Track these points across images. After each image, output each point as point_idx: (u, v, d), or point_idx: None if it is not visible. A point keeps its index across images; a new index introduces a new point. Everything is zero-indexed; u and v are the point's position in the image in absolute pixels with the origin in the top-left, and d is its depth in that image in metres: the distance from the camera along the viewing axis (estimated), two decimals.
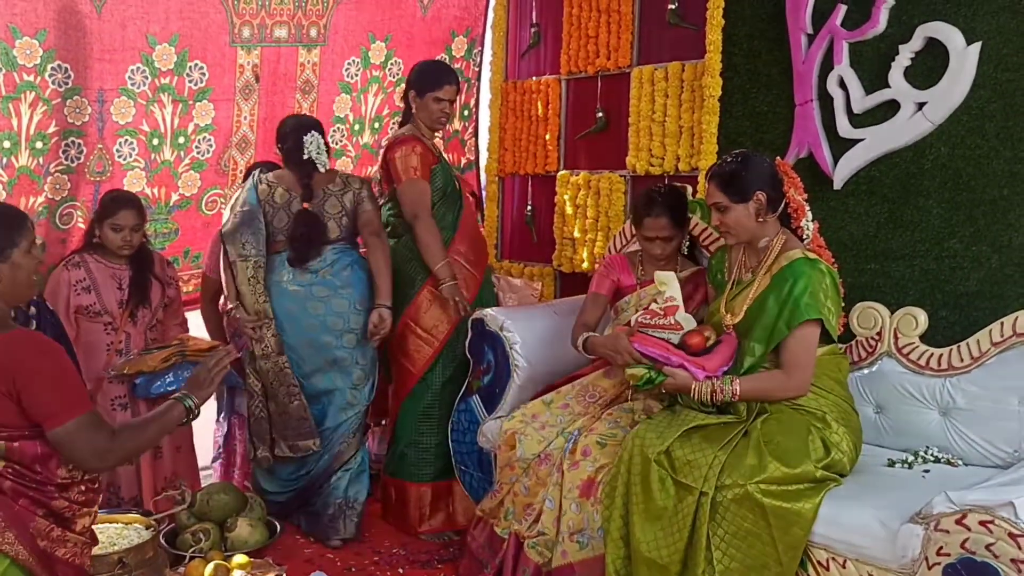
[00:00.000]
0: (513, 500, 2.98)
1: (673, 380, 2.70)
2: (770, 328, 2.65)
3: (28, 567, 2.02)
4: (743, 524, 2.46)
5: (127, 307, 3.45)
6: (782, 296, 2.63)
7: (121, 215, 3.40)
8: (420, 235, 3.48)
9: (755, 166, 2.73)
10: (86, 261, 3.43)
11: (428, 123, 3.60)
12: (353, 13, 4.22)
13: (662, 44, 3.81)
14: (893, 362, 2.96)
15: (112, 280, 3.45)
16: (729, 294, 2.83)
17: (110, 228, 3.40)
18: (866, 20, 3.10)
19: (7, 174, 3.45)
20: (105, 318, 3.42)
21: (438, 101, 3.57)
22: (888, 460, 2.80)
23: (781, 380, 2.65)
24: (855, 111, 3.14)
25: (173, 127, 3.86)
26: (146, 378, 3.35)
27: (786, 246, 2.73)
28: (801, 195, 2.76)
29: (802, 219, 2.75)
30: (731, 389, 2.64)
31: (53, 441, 2.04)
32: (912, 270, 3.07)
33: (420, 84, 3.59)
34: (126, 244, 3.42)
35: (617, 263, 3.31)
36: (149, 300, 3.50)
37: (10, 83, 3.38)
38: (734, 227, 2.75)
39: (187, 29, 3.77)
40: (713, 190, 2.75)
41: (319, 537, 3.47)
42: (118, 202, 3.44)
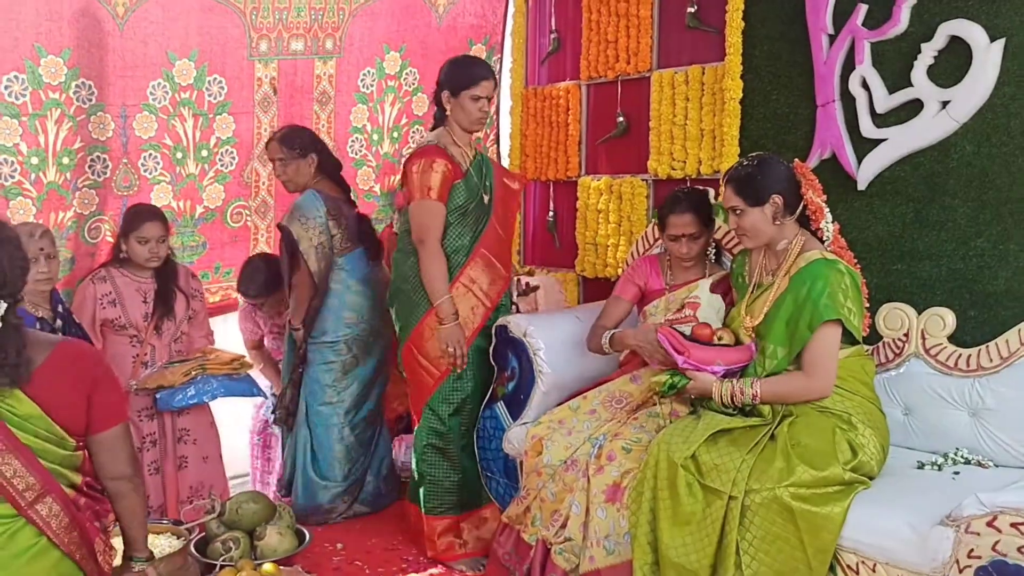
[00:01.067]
0: (540, 506, 2.98)
1: (695, 383, 2.70)
2: (791, 331, 2.64)
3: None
4: (772, 528, 2.44)
5: (152, 320, 3.49)
6: (800, 298, 2.62)
7: (146, 227, 3.43)
8: (423, 265, 3.26)
9: (771, 169, 2.72)
10: (112, 275, 3.47)
11: (466, 124, 3.33)
12: (368, 24, 4.25)
13: (682, 48, 3.80)
14: (921, 363, 2.93)
15: (137, 293, 3.49)
16: (749, 298, 2.82)
17: (136, 241, 3.44)
18: (887, 19, 3.08)
19: (36, 190, 3.50)
20: (130, 331, 3.46)
21: (475, 99, 3.29)
22: (917, 462, 2.78)
23: (802, 382, 2.64)
24: (878, 111, 3.12)
25: (195, 140, 3.91)
26: (168, 392, 3.40)
27: (805, 248, 2.71)
28: (820, 197, 2.75)
29: (821, 221, 2.74)
30: (751, 391, 2.64)
31: (101, 443, 2.11)
32: (939, 270, 3.04)
33: (454, 82, 3.31)
34: (153, 256, 3.46)
35: (645, 265, 3.30)
36: (174, 313, 3.53)
37: (36, 101, 3.44)
38: (750, 231, 2.74)
39: (206, 44, 3.82)
40: (729, 194, 2.75)
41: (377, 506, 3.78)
42: (142, 215, 3.48)
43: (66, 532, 2.03)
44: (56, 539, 2.01)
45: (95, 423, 2.10)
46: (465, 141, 3.37)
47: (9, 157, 3.42)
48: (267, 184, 4.17)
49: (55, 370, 2.01)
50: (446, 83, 3.33)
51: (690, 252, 3.13)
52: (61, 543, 2.01)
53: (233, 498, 3.17)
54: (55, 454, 2.02)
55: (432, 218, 3.24)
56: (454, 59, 3.51)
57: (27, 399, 1.98)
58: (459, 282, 3.32)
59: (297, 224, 3.63)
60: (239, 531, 3.06)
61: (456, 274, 3.32)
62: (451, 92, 3.30)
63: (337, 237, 3.69)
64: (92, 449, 2.12)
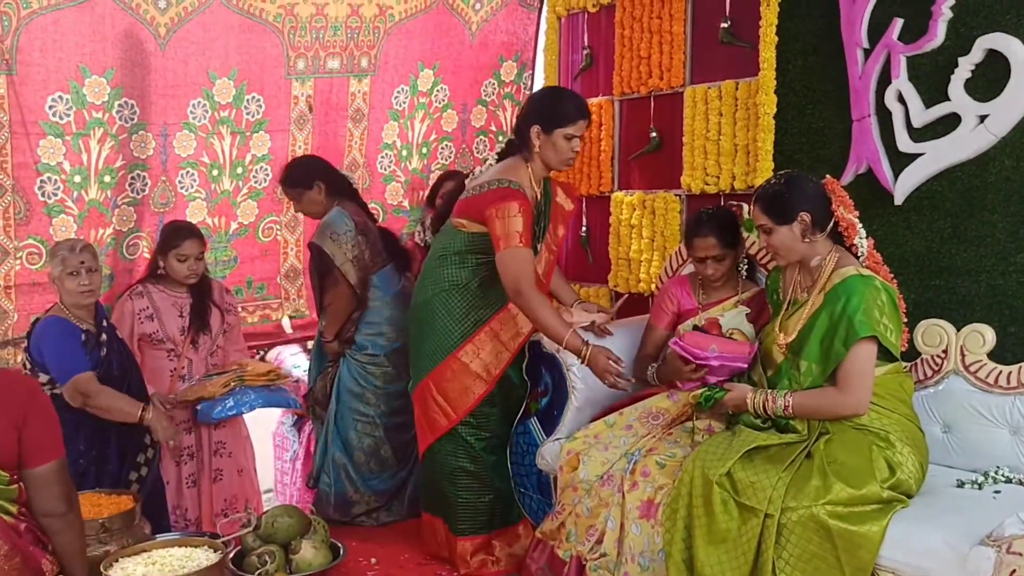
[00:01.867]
0: (575, 521, 2.97)
1: (732, 393, 2.73)
2: (825, 348, 2.62)
3: None
4: (808, 547, 2.42)
5: (188, 334, 3.55)
6: (835, 314, 2.60)
7: (185, 245, 3.49)
8: (532, 315, 3.08)
9: (798, 186, 2.71)
10: (149, 291, 3.54)
11: (554, 163, 3.17)
12: (403, 42, 4.29)
13: (715, 63, 3.79)
14: (960, 380, 2.90)
15: (174, 308, 3.55)
16: (784, 314, 2.80)
17: (175, 259, 3.50)
18: (923, 33, 3.06)
19: (78, 207, 3.58)
20: (167, 345, 3.52)
21: (569, 139, 3.12)
22: (957, 481, 2.74)
23: (834, 397, 2.61)
24: (915, 125, 3.09)
25: (232, 158, 3.97)
26: (207, 404, 3.45)
27: (839, 264, 2.69)
28: (851, 213, 2.73)
29: (854, 237, 2.73)
30: (783, 401, 2.63)
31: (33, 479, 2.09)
32: (978, 286, 3.00)
33: (550, 118, 3.12)
34: (192, 273, 3.53)
35: (675, 288, 3.32)
36: (209, 327, 3.59)
37: (80, 120, 3.51)
38: (780, 248, 2.74)
39: (245, 63, 3.89)
40: (757, 212, 2.75)
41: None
42: (181, 233, 3.54)
43: (6, 560, 2.01)
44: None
45: (27, 458, 2.08)
46: (540, 177, 3.24)
47: (53, 175, 3.50)
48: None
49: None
50: (538, 117, 3.15)
51: (715, 273, 3.16)
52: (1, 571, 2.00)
53: (268, 512, 3.19)
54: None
55: (525, 265, 3.07)
56: (551, 91, 3.37)
57: None
58: (488, 327, 3.24)
59: (329, 241, 3.66)
60: (274, 545, 3.07)
61: (487, 318, 3.24)
62: (543, 128, 3.12)
63: (367, 254, 3.72)
64: (25, 483, 2.10)
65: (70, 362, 3.16)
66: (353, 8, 4.08)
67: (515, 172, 3.18)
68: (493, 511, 3.37)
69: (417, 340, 3.37)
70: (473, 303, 3.25)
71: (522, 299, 3.06)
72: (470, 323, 3.25)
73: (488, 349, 3.26)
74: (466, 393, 3.26)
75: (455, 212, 3.32)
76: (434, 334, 3.28)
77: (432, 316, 3.28)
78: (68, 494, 2.14)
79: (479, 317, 3.25)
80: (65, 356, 3.17)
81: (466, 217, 3.24)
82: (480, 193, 3.18)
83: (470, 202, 3.22)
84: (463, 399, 3.26)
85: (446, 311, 3.25)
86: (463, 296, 3.25)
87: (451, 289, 3.25)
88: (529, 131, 3.15)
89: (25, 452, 2.07)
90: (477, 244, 3.22)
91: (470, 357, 3.25)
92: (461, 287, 3.25)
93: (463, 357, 3.25)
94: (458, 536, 3.35)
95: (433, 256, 3.35)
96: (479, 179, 3.29)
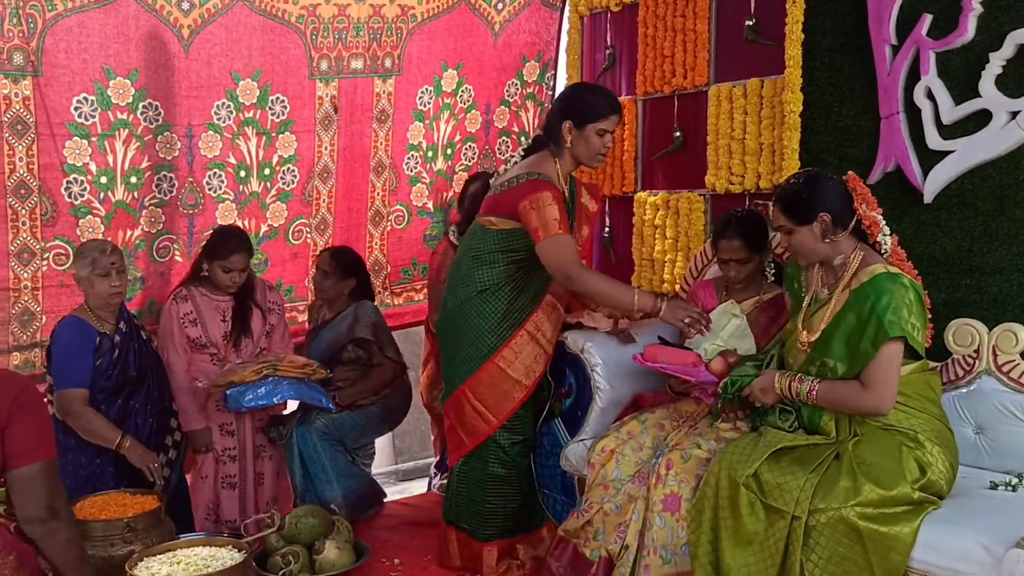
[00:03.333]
0: (603, 519, 2.93)
1: (760, 379, 2.70)
2: (852, 347, 2.58)
3: None
4: (838, 549, 2.39)
5: (230, 338, 3.56)
6: (864, 313, 2.56)
7: (233, 259, 3.52)
8: (587, 292, 3.10)
9: (818, 186, 2.67)
10: (192, 295, 3.56)
11: (585, 158, 3.16)
12: (426, 43, 4.29)
13: (740, 61, 3.76)
14: (992, 380, 2.85)
15: (216, 312, 3.57)
16: (807, 311, 2.76)
17: (220, 269, 3.52)
18: (953, 29, 3.02)
19: (105, 208, 3.60)
20: (211, 349, 3.56)
21: (602, 134, 3.11)
22: (990, 482, 2.69)
23: (858, 392, 2.57)
24: (944, 122, 3.05)
25: (258, 159, 3.98)
26: (238, 389, 3.41)
27: (864, 261, 2.65)
28: (874, 210, 2.70)
29: (878, 234, 2.69)
30: (808, 385, 2.61)
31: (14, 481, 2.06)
32: (1010, 285, 2.95)
33: (582, 113, 3.10)
34: (233, 284, 3.56)
35: (701, 290, 3.32)
36: (251, 330, 3.60)
37: (105, 121, 3.53)
38: (800, 249, 2.71)
39: (268, 64, 3.90)
40: (776, 213, 2.71)
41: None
42: (229, 245, 3.53)
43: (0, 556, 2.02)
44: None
45: (9, 457, 2.05)
46: (567, 174, 3.23)
47: (79, 176, 3.52)
48: (327, 202, 4.23)
49: None
50: (570, 112, 3.13)
51: (738, 276, 3.15)
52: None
53: (292, 513, 3.20)
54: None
55: (568, 249, 3.04)
56: (582, 87, 3.37)
57: None
58: (524, 329, 3.19)
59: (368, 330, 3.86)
60: (298, 545, 3.08)
61: (523, 320, 3.19)
62: (576, 123, 3.11)
63: None
64: (8, 486, 2.08)
65: (72, 373, 3.18)
66: (375, 9, 4.09)
67: (543, 166, 3.17)
68: (520, 516, 3.34)
69: (450, 347, 3.30)
70: (508, 306, 3.19)
71: (575, 283, 3.04)
72: (506, 327, 3.19)
73: (527, 351, 3.20)
74: (506, 398, 3.20)
75: (483, 211, 3.27)
76: (468, 340, 3.21)
77: (466, 321, 3.21)
78: (51, 501, 2.07)
79: (515, 320, 3.19)
80: (69, 365, 3.18)
81: (495, 214, 3.19)
82: (510, 188, 3.15)
83: (499, 198, 3.19)
84: (503, 404, 3.20)
85: (480, 315, 3.19)
86: (497, 298, 3.18)
87: (484, 292, 3.19)
88: (561, 126, 3.13)
89: (7, 452, 2.03)
90: (508, 242, 3.17)
91: (508, 362, 3.18)
92: (495, 289, 3.18)
93: (501, 363, 3.18)
94: (483, 543, 3.30)
95: (463, 259, 3.29)
96: (506, 175, 3.26)
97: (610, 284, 3.08)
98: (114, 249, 3.26)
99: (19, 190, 3.40)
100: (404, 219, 4.47)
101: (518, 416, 3.26)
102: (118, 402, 3.29)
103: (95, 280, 3.21)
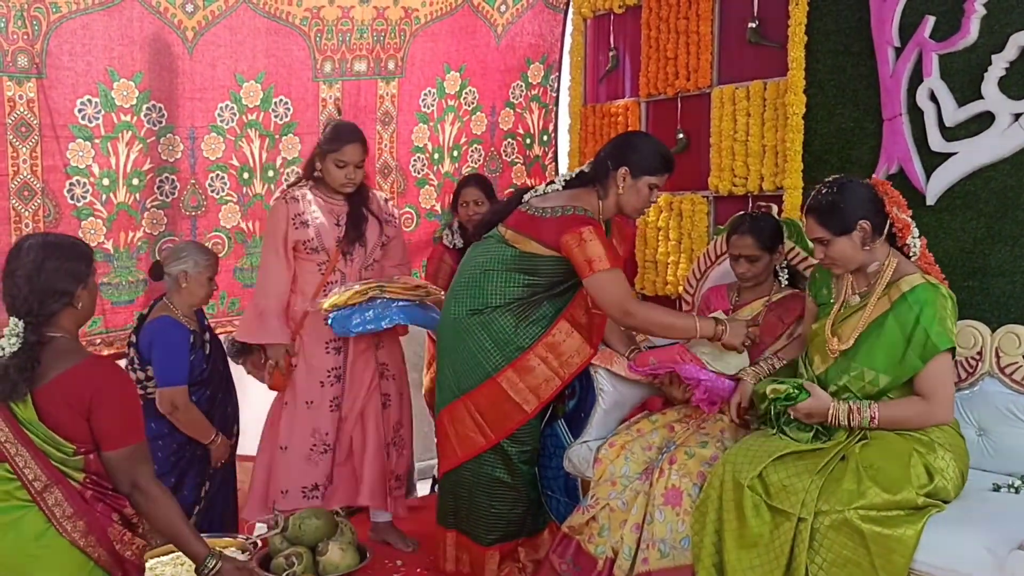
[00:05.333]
0: (609, 515, 2.93)
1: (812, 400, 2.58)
2: (896, 358, 2.56)
3: (106, 567, 2.23)
4: (842, 551, 2.38)
5: (342, 244, 3.35)
6: (908, 325, 2.53)
7: (347, 151, 3.29)
8: (647, 324, 3.03)
9: (853, 193, 2.59)
10: (304, 195, 3.35)
11: (629, 209, 3.10)
12: (429, 45, 4.29)
13: (743, 63, 3.76)
14: (996, 382, 2.85)
15: (331, 215, 3.35)
16: (837, 317, 2.71)
17: (334, 164, 3.30)
18: (956, 31, 3.02)
19: (107, 210, 3.60)
20: (320, 256, 3.35)
21: (652, 188, 3.07)
22: (993, 485, 2.69)
23: (924, 408, 2.55)
24: (947, 124, 3.06)
25: (262, 161, 3.98)
26: (343, 313, 3.22)
27: (899, 269, 2.61)
28: (905, 213, 2.64)
29: (908, 237, 2.64)
30: (869, 412, 2.55)
31: (106, 461, 2.23)
32: (1013, 286, 2.96)
33: (641, 165, 3.04)
34: (349, 182, 3.33)
35: (713, 294, 3.33)
36: (365, 238, 3.38)
37: (108, 123, 3.54)
38: (840, 259, 2.63)
39: (272, 67, 3.90)
40: (812, 225, 2.62)
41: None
42: (342, 136, 3.32)
43: (70, 521, 2.17)
44: (60, 527, 2.16)
45: (100, 441, 2.22)
46: (607, 217, 3.14)
47: (82, 178, 3.52)
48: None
49: (59, 387, 2.18)
50: (629, 160, 3.05)
51: (746, 272, 3.15)
52: (64, 531, 2.16)
53: (296, 514, 3.19)
54: (55, 455, 2.18)
55: (623, 284, 3.00)
56: (644, 137, 3.30)
57: (30, 405, 2.16)
58: (532, 352, 3.10)
59: None
60: (302, 546, 3.08)
61: (531, 343, 3.10)
62: (632, 171, 3.04)
63: None
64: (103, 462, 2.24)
65: (175, 371, 3.25)
66: (378, 11, 4.09)
67: (588, 203, 3.09)
68: (523, 520, 3.32)
69: (451, 357, 3.21)
70: (515, 326, 3.11)
71: (635, 318, 2.99)
72: (512, 348, 3.10)
73: (533, 375, 3.12)
74: (505, 418, 3.14)
75: (510, 224, 3.15)
76: (473, 357, 3.14)
77: (471, 336, 3.14)
78: (135, 479, 2.25)
79: (521, 343, 3.10)
80: (173, 363, 3.26)
81: (526, 235, 3.09)
82: (553, 216, 3.05)
83: (538, 221, 3.08)
84: (502, 423, 3.15)
85: (485, 331, 3.12)
86: (506, 319, 3.11)
87: (493, 311, 3.11)
88: (616, 171, 3.06)
89: (97, 437, 2.22)
90: (529, 264, 3.09)
91: (511, 383, 3.11)
92: (504, 308, 3.11)
93: (504, 383, 3.11)
94: (486, 546, 3.27)
95: (473, 269, 3.19)
96: (547, 201, 3.13)
97: (668, 315, 3.08)
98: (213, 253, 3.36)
99: (22, 192, 3.40)
100: (413, 222, 4.46)
101: (527, 427, 3.21)
102: (206, 393, 3.38)
103: (203, 282, 3.31)
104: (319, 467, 3.45)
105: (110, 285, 3.65)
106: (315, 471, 3.46)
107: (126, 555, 2.26)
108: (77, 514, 2.18)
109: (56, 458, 2.18)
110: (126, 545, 2.27)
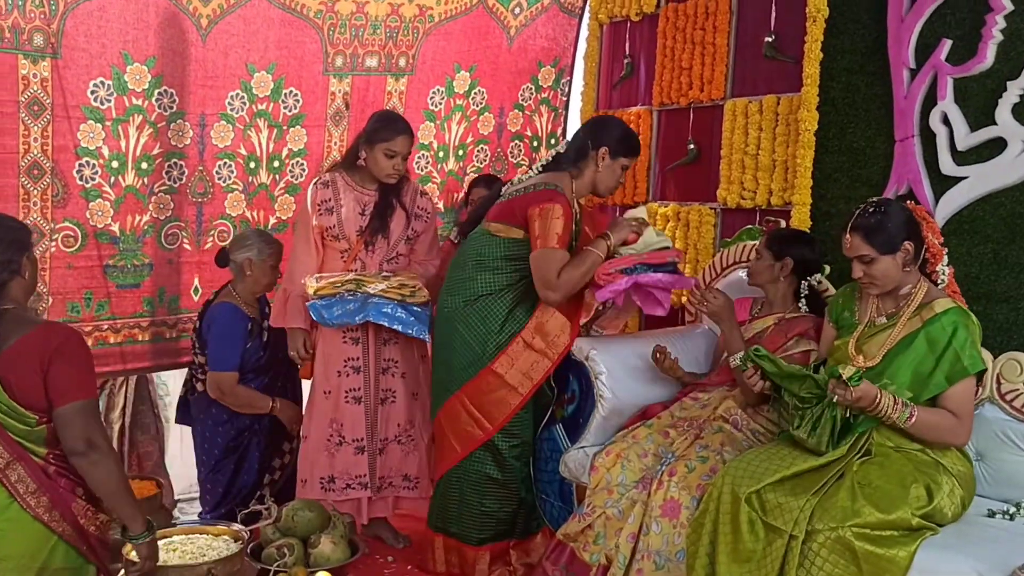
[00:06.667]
0: (605, 523, 2.93)
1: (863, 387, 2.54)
2: (922, 377, 2.58)
3: (71, 542, 2.28)
4: (834, 570, 2.38)
5: (364, 234, 3.32)
6: (940, 345, 2.57)
7: (399, 141, 3.26)
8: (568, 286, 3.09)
9: (899, 215, 2.64)
10: (335, 181, 3.35)
11: (602, 188, 3.26)
12: (441, 44, 4.29)
13: (757, 77, 3.76)
14: (996, 409, 2.85)
15: (357, 204, 3.32)
16: (862, 335, 2.73)
17: (384, 153, 3.26)
18: (972, 55, 3.02)
19: (115, 192, 3.60)
20: (342, 244, 3.32)
21: (624, 169, 3.27)
22: (988, 510, 2.69)
23: (954, 424, 2.57)
24: (959, 148, 3.06)
25: (268, 151, 3.98)
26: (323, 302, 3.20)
27: (930, 294, 2.66)
28: (939, 239, 2.69)
29: (939, 263, 2.68)
30: (908, 411, 2.54)
31: (58, 418, 2.23)
32: (1017, 314, 2.96)
33: (620, 146, 3.22)
34: (396, 173, 3.30)
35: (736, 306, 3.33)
36: (389, 230, 3.34)
37: (120, 106, 3.54)
38: (881, 278, 2.65)
39: (284, 58, 3.90)
40: (858, 243, 2.64)
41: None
42: (393, 125, 3.29)
43: (33, 497, 2.22)
44: (23, 503, 2.20)
45: (53, 398, 2.22)
46: (579, 196, 3.28)
47: (91, 160, 3.52)
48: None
49: (21, 349, 2.20)
50: (609, 140, 3.20)
51: (749, 269, 3.23)
52: (28, 507, 2.21)
53: (289, 505, 3.19)
54: (17, 429, 2.21)
55: (556, 264, 3.08)
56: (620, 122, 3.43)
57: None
58: (520, 337, 3.19)
59: None
60: (293, 538, 3.08)
61: (519, 328, 3.20)
62: (612, 152, 3.20)
63: None
64: (54, 423, 2.25)
65: (225, 358, 3.34)
66: (393, 7, 4.09)
67: (560, 182, 3.19)
68: (515, 521, 3.33)
69: (447, 354, 3.27)
70: (509, 313, 3.21)
71: (557, 290, 3.09)
72: (505, 335, 3.20)
73: (523, 358, 3.20)
74: (502, 404, 3.20)
75: (490, 217, 3.28)
76: (468, 345, 3.22)
77: (465, 327, 3.22)
78: (89, 436, 2.24)
79: (513, 329, 3.21)
80: (225, 349, 3.34)
81: (503, 221, 3.22)
82: (524, 193, 3.19)
83: (511, 203, 3.22)
84: (498, 410, 3.21)
85: (481, 322, 3.21)
86: (499, 305, 3.21)
87: (487, 297, 3.21)
88: (596, 151, 3.21)
89: (51, 392, 2.22)
90: (513, 250, 3.20)
91: (505, 368, 3.19)
92: (497, 295, 3.21)
93: (498, 368, 3.19)
94: (476, 547, 3.28)
95: (465, 263, 3.28)
96: (521, 184, 3.28)
97: (576, 266, 3.10)
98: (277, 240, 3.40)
99: (32, 170, 3.40)
100: None
101: (517, 419, 3.26)
102: (265, 380, 3.46)
103: (267, 270, 3.39)
104: (335, 459, 3.43)
105: (115, 268, 3.66)
106: (331, 463, 3.43)
107: (90, 530, 2.32)
108: (40, 490, 2.22)
109: (19, 432, 2.21)
110: (90, 520, 2.32)
